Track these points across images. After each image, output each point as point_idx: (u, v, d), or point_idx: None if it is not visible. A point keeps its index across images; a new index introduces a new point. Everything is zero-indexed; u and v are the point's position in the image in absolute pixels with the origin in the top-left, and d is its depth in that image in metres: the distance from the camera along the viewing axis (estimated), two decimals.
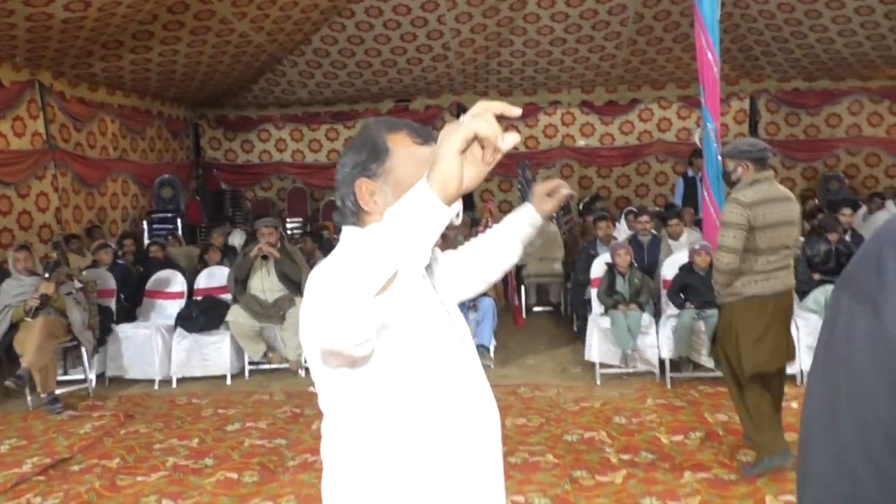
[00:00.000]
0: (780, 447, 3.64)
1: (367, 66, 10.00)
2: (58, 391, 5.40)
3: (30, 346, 5.17)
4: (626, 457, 4.02)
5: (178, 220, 9.35)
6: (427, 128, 1.41)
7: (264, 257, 6.01)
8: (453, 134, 1.05)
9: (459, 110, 11.60)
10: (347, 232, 1.40)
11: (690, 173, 8.57)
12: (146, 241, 8.25)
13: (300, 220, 10.42)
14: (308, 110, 11.42)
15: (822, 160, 11.15)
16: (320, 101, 11.17)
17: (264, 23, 8.18)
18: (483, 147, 1.08)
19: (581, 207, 10.18)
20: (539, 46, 10.01)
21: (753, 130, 11.26)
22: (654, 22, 9.41)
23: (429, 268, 1.47)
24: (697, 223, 6.88)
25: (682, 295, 5.41)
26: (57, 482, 4.00)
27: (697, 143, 5.81)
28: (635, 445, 4.18)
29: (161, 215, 9.41)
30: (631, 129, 11.53)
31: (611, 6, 9.10)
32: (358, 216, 1.39)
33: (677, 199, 8.70)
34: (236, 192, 11.11)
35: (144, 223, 9.31)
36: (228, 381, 5.89)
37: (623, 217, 8.45)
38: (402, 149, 1.35)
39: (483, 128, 1.05)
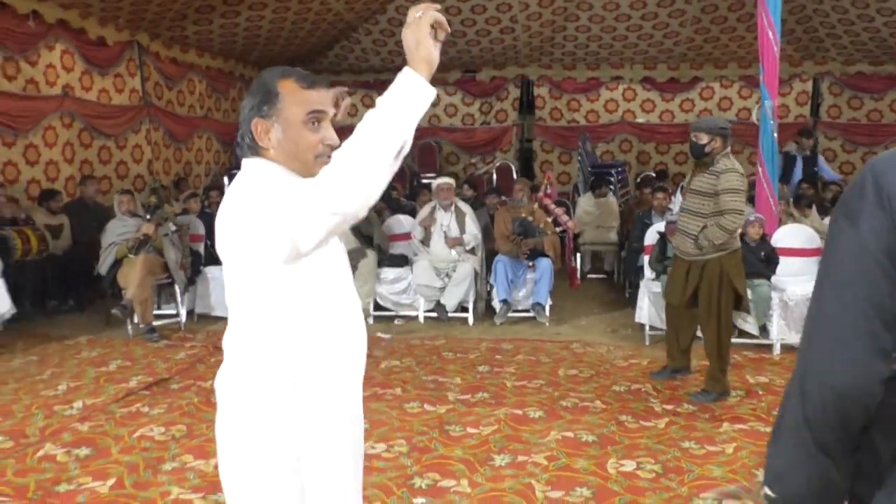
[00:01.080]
0: (728, 387, 4.56)
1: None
2: (154, 323, 6.02)
3: (132, 281, 5.80)
4: (669, 407, 4.35)
5: None
6: (313, 74, 1.64)
7: None
8: (420, 27, 1.38)
9: (524, 83, 11.87)
10: (250, 162, 1.62)
11: (793, 151, 8.65)
12: None
13: None
14: (379, 77, 11.76)
15: (884, 145, 11.03)
16: (391, 68, 11.49)
17: None
18: (436, 29, 1.41)
19: (638, 181, 10.39)
20: (604, 22, 10.18)
21: (815, 113, 11.22)
22: (719, 0, 9.50)
23: None
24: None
25: None
26: (160, 396, 4.56)
27: (755, 121, 6.01)
28: (679, 398, 4.51)
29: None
30: (691, 106, 11.60)
31: None
32: (256, 150, 1.61)
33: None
34: None
35: (225, 178, 9.93)
36: None
37: (679, 191, 8.65)
38: (290, 94, 1.57)
39: (437, 15, 1.40)
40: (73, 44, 7.38)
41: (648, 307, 5.79)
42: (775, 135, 5.95)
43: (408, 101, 1.37)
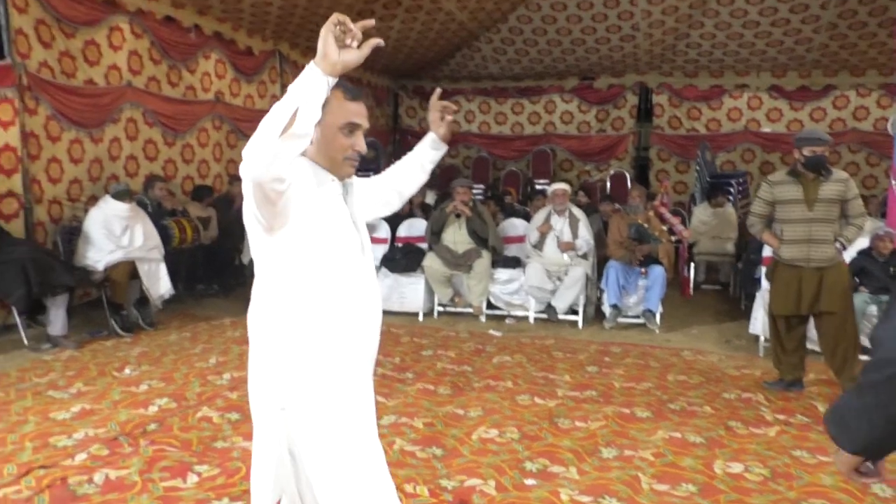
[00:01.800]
0: None
1: (557, 45, 10.51)
2: None
3: None
4: (780, 416, 4.33)
5: None
6: (357, 88, 1.92)
7: (457, 214, 6.84)
8: (324, 28, 1.59)
9: (643, 91, 11.83)
10: None
11: None
12: None
13: (482, 186, 11.22)
14: (497, 85, 12.11)
15: None
16: (509, 76, 11.82)
17: (468, 2, 8.96)
18: (345, 33, 1.61)
19: None
20: (730, 28, 10.01)
21: None
22: (858, 6, 9.12)
23: (347, 190, 2.01)
24: None
25: (857, 279, 5.53)
26: None
27: (889, 130, 5.83)
28: (791, 409, 4.47)
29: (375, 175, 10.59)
30: (823, 116, 11.14)
31: None
32: None
33: None
34: None
35: None
36: (420, 318, 6.79)
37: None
38: (335, 101, 1.86)
39: (338, 16, 1.61)
40: (225, 53, 8.14)
41: (763, 318, 5.73)
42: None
43: (299, 85, 1.60)
